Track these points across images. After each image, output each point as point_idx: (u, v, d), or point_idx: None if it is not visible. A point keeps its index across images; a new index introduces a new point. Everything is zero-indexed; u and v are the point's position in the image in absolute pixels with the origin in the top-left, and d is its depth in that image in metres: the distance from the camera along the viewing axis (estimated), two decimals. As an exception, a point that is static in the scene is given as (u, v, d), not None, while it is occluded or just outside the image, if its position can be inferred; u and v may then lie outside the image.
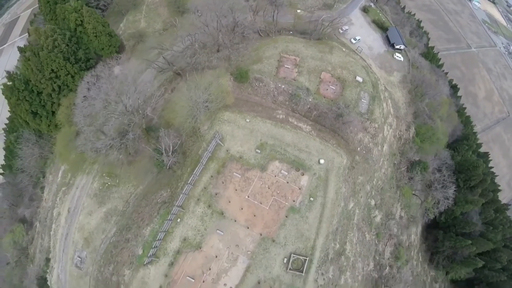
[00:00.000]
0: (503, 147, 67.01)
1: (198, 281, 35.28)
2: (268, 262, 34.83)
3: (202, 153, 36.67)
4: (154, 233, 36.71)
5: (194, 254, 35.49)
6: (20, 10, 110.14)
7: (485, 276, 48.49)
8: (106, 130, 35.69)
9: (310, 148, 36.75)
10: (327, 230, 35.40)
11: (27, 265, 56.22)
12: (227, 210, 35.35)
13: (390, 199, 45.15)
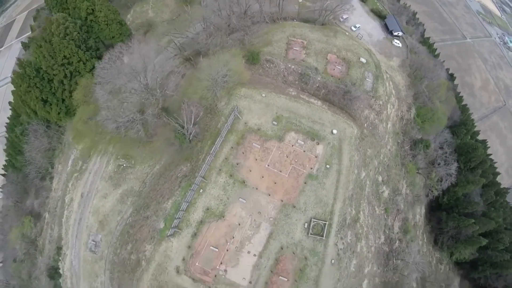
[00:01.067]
0: (500, 136, 68.39)
1: (222, 250, 35.29)
2: (290, 227, 35.49)
3: (221, 127, 37.42)
4: (176, 205, 36.66)
5: (217, 223, 35.70)
6: (16, 13, 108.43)
7: (489, 257, 49.25)
8: (126, 107, 35.75)
9: (323, 119, 38.26)
10: (344, 196, 36.59)
11: (36, 257, 54.16)
12: (249, 179, 35.99)
13: (396, 176, 46.71)
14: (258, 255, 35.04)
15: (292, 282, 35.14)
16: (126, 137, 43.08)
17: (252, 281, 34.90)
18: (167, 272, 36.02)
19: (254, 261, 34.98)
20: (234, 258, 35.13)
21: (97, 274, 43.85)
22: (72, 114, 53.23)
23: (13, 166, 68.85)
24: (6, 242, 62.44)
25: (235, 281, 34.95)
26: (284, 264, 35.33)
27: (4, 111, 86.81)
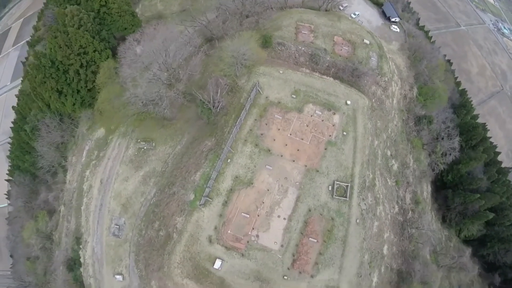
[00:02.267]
0: (499, 120, 69.65)
1: (253, 216, 35.87)
2: (315, 190, 36.75)
3: (244, 101, 38.87)
4: (205, 176, 37.20)
5: (247, 190, 36.42)
6: (11, 21, 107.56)
7: (496, 232, 50.55)
8: (154, 85, 36.38)
9: (337, 92, 40.47)
10: (362, 159, 38.46)
11: (53, 251, 52.15)
12: (273, 147, 37.29)
13: (403, 151, 48.71)
14: (287, 218, 36.03)
15: (322, 243, 36.08)
16: (147, 119, 43.56)
17: (284, 244, 35.61)
18: (199, 242, 36.09)
19: (284, 225, 35.85)
20: (265, 223, 35.85)
21: (121, 258, 42.97)
22: (86, 105, 53.13)
23: (19, 169, 67.07)
24: (17, 243, 59.97)
25: (267, 245, 35.54)
26: (313, 226, 36.32)
27: (6, 117, 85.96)
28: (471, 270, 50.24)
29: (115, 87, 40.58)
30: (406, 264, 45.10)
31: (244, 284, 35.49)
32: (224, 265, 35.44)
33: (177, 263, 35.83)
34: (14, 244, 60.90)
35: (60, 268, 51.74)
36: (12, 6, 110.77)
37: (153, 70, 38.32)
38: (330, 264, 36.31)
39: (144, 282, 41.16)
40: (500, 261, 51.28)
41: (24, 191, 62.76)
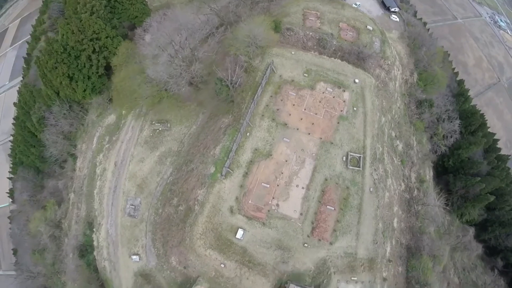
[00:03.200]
0: (496, 111, 70.42)
1: (273, 186, 36.84)
2: (331, 161, 38.21)
3: (259, 79, 40.43)
4: (226, 149, 38.07)
5: (266, 162, 37.46)
6: (8, 22, 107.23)
7: (497, 217, 51.97)
8: (175, 63, 37.26)
9: (345, 72, 42.57)
10: (372, 133, 40.38)
11: (62, 239, 50.92)
12: (289, 121, 38.71)
13: (406, 132, 50.67)
14: (306, 187, 37.21)
15: (338, 211, 37.35)
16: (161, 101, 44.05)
17: (303, 212, 36.69)
18: (221, 213, 36.64)
19: (303, 194, 37.00)
20: (284, 192, 36.88)
21: (138, 238, 42.78)
22: (97, 92, 53.19)
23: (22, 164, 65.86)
24: (22, 237, 58.07)
25: (287, 214, 36.52)
26: (330, 195, 37.58)
27: (4, 117, 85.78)
28: (475, 249, 51.46)
29: (135, 66, 41.10)
30: (415, 239, 46.53)
31: (266, 253, 36.24)
32: (246, 234, 36.18)
33: (200, 234, 36.28)
34: (20, 238, 59.14)
35: (70, 255, 50.70)
36: (9, 7, 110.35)
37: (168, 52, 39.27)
38: (347, 231, 37.68)
39: (162, 261, 41.16)
40: (502, 245, 52.63)
41: (28, 185, 61.68)
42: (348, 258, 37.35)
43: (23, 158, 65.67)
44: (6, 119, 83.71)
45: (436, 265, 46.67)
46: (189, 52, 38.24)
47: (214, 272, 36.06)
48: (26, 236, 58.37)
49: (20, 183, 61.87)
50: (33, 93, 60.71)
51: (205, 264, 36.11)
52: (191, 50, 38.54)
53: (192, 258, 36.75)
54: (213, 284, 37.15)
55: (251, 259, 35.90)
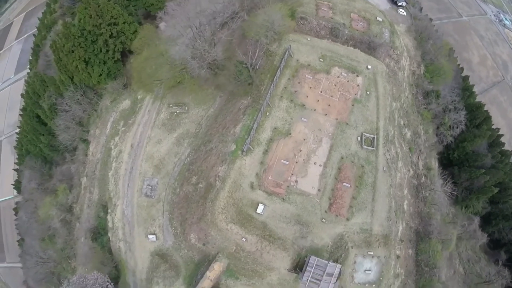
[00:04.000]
0: (500, 109, 71.17)
1: (292, 163, 38.49)
2: (346, 141, 40.11)
3: (277, 63, 42.56)
4: (246, 128, 39.65)
5: (285, 140, 39.15)
6: (13, 16, 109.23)
7: (500, 210, 53.75)
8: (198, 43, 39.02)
9: (358, 58, 44.97)
10: (384, 115, 42.55)
11: (73, 223, 51.39)
12: (307, 103, 40.62)
13: (414, 121, 52.69)
14: (323, 165, 38.92)
15: (354, 188, 39.13)
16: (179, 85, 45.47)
17: (321, 188, 38.34)
18: (242, 189, 38.01)
19: (320, 171, 38.68)
20: (303, 169, 38.52)
21: (154, 218, 43.66)
22: (112, 77, 54.42)
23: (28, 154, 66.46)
24: (30, 224, 58.33)
25: (305, 190, 38.13)
26: (346, 172, 39.39)
27: (10, 111, 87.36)
28: (480, 238, 53.03)
29: (155, 48, 42.64)
30: (423, 224, 48.16)
31: (285, 228, 37.65)
32: (266, 210, 37.54)
33: (221, 209, 37.48)
34: (28, 225, 59.12)
35: (81, 240, 51.15)
36: (14, 1, 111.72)
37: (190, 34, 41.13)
38: (363, 208, 39.43)
39: (179, 240, 42.11)
40: (505, 238, 54.27)
41: (36, 174, 62.13)
42: (364, 234, 39.03)
43: (30, 148, 66.21)
44: (11, 112, 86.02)
45: (444, 249, 48.78)
46: (210, 35, 40.16)
47: (234, 247, 37.24)
48: (34, 224, 58.59)
49: (28, 172, 62.38)
50: (45, 81, 61.73)
51: (226, 239, 37.30)
52: (212, 33, 40.47)
53: (213, 234, 37.89)
54: (233, 259, 38.31)
55: (271, 234, 37.22)
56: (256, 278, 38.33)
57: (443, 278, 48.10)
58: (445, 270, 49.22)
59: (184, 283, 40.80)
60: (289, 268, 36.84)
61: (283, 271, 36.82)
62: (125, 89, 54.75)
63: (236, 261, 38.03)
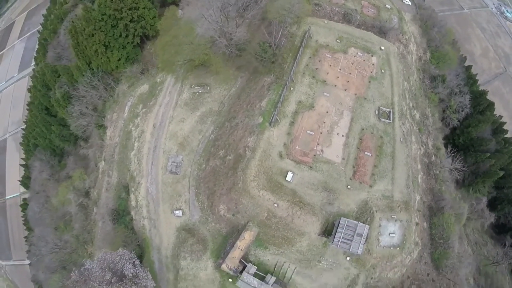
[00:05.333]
0: (503, 100, 74.91)
1: (317, 134, 41.92)
2: (365, 114, 43.96)
3: (298, 43, 46.59)
4: (272, 102, 42.87)
5: (309, 112, 42.62)
6: (15, 15, 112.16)
7: (505, 195, 57.70)
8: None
9: (372, 40, 49.57)
10: (398, 92, 46.91)
11: (91, 207, 52.69)
12: (327, 79, 44.45)
13: (422, 104, 56.76)
14: (345, 135, 42.41)
15: (375, 157, 42.77)
16: (208, 60, 48.28)
17: (344, 157, 41.74)
18: (271, 158, 40.91)
19: (343, 141, 42.16)
20: (327, 140, 41.88)
21: (180, 194, 45.73)
22: (131, 62, 57.07)
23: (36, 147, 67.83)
24: (42, 215, 59.08)
25: (330, 159, 41.41)
26: (367, 142, 43.07)
27: (14, 108, 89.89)
28: (489, 218, 56.65)
29: (179, 29, 45.85)
30: (435, 200, 51.88)
31: (313, 195, 40.57)
32: (295, 177, 40.39)
33: (253, 177, 40.02)
34: (39, 216, 59.62)
35: (99, 224, 52.38)
36: (15, 0, 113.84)
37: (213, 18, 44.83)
38: (384, 176, 42.98)
39: (206, 214, 44.33)
40: (511, 223, 58.14)
41: (47, 166, 63.32)
42: (386, 200, 42.31)
43: (39, 141, 67.33)
44: (15, 110, 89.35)
45: (456, 223, 52.85)
46: (235, 16, 43.94)
47: (266, 213, 39.70)
48: (46, 214, 59.31)
49: (39, 163, 63.39)
50: (56, 71, 63.74)
51: (258, 206, 39.74)
52: (237, 14, 44.26)
53: (245, 201, 40.28)
54: (263, 227, 40.77)
55: (301, 200, 39.92)
56: (285, 246, 40.98)
57: (456, 251, 52.17)
58: (457, 246, 53.26)
59: (212, 256, 42.82)
60: (318, 232, 39.88)
61: (313, 236, 39.58)
62: (143, 74, 57.80)
63: (266, 229, 40.56)
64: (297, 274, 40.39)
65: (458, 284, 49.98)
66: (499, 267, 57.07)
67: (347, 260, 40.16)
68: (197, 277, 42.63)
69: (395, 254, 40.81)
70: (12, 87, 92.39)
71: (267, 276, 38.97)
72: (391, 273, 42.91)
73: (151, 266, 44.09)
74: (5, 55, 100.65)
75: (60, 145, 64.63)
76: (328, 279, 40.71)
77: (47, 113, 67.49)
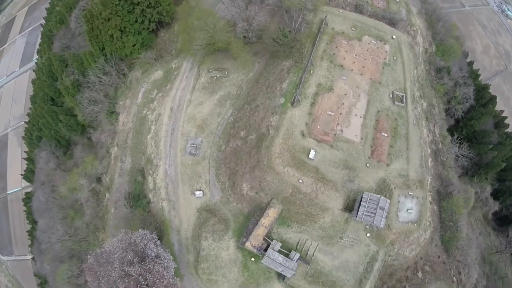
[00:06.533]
0: (503, 97, 77.96)
1: (336, 114, 45.14)
2: (380, 97, 47.52)
3: (315, 30, 50.19)
4: (293, 84, 45.94)
5: (329, 94, 45.80)
6: (15, 10, 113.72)
7: (507, 187, 61.54)
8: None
9: (384, 29, 53.72)
10: (410, 78, 50.92)
11: (103, 193, 53.88)
12: (344, 64, 47.93)
13: (429, 94, 61.18)
14: (363, 117, 45.62)
15: (391, 138, 46.23)
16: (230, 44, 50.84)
17: (363, 137, 44.93)
18: (294, 136, 43.65)
19: (361, 122, 45.41)
20: (346, 120, 45.05)
21: (200, 175, 47.66)
22: (145, 48, 59.32)
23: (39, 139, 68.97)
24: (48, 205, 59.41)
25: (350, 138, 44.45)
26: (383, 124, 46.60)
27: (15, 103, 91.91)
28: (493, 206, 60.68)
29: (203, 11, 48.72)
30: (444, 185, 56.05)
31: (335, 172, 43.30)
32: (317, 155, 43.04)
33: (277, 154, 42.35)
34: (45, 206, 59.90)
35: (112, 210, 53.56)
36: None
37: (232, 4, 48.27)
38: (399, 155, 46.40)
39: (227, 194, 46.36)
40: None
41: (53, 156, 64.28)
42: (402, 178, 45.41)
43: (44, 132, 68.19)
44: (17, 105, 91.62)
45: (465, 207, 57.01)
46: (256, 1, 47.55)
47: (291, 190, 41.99)
48: (53, 203, 59.76)
49: (46, 153, 64.16)
50: (63, 61, 65.37)
51: (283, 182, 42.00)
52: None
53: (270, 178, 42.43)
54: (287, 204, 43.14)
55: (323, 177, 42.66)
56: (308, 223, 43.53)
57: (465, 234, 56.22)
58: (466, 229, 57.33)
59: (234, 236, 44.75)
60: (341, 208, 42.76)
61: (336, 211, 42.15)
62: (157, 61, 60.19)
63: (290, 206, 42.94)
64: (319, 252, 42.85)
65: (468, 266, 53.94)
66: (502, 257, 61.45)
67: (367, 236, 43.13)
68: (218, 258, 44.40)
69: (412, 230, 44.10)
70: (13, 82, 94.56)
71: (291, 253, 41.25)
72: (408, 250, 46.15)
73: (170, 248, 45.25)
74: (6, 51, 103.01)
75: (66, 135, 65.65)
76: (349, 256, 43.42)
77: (52, 103, 68.90)
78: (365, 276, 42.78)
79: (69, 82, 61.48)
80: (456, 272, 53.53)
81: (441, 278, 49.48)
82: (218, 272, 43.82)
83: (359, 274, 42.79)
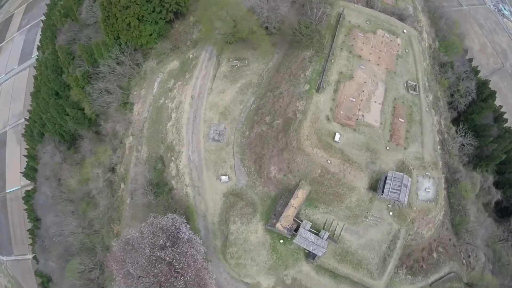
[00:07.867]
0: (501, 95, 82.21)
1: (357, 100, 50.28)
2: (396, 86, 53.12)
3: (333, 23, 55.51)
4: (316, 71, 50.72)
5: (350, 82, 50.85)
6: (13, 8, 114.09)
7: (507, 179, 67.41)
8: None
9: (396, 24, 59.90)
10: (421, 69, 57.28)
11: (117, 184, 55.79)
12: (362, 54, 53.22)
13: (434, 87, 68.32)
14: (381, 103, 50.72)
15: (407, 123, 51.69)
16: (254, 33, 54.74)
17: (382, 122, 50.00)
18: (319, 120, 48.00)
19: (380, 108, 50.62)
20: (366, 106, 50.08)
21: (225, 160, 50.88)
22: (162, 38, 62.51)
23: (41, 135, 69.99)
24: (54, 200, 60.31)
25: (370, 123, 49.34)
26: (399, 110, 52.28)
27: (14, 101, 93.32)
28: (495, 195, 65.89)
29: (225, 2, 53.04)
30: (451, 173, 62.62)
31: (358, 154, 47.77)
32: (342, 138, 47.44)
33: (306, 136, 46.10)
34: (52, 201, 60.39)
35: (127, 201, 55.40)
36: None
37: None
38: (415, 140, 51.93)
39: (253, 178, 49.66)
40: None
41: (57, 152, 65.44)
42: (419, 160, 50.43)
43: (48, 127, 69.03)
44: (15, 103, 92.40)
45: (472, 192, 63.79)
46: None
47: (320, 170, 45.73)
48: (60, 198, 60.54)
49: (51, 147, 64.92)
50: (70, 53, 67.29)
51: (312, 163, 45.69)
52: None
53: (299, 160, 46.04)
54: (315, 185, 47.08)
55: (349, 158, 47.51)
56: (335, 203, 47.67)
57: (473, 218, 62.83)
58: (474, 212, 63.77)
59: (262, 219, 48.04)
60: (367, 187, 47.61)
61: (362, 191, 46.30)
62: (172, 51, 63.60)
63: (318, 187, 46.72)
64: (345, 231, 47.01)
65: (477, 248, 60.42)
66: (504, 246, 68.55)
67: (390, 215, 48.00)
68: (247, 241, 47.40)
69: (430, 208, 49.39)
70: (12, 79, 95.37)
71: (321, 232, 45.07)
72: (425, 229, 51.50)
73: (197, 234, 48.51)
74: (4, 48, 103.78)
75: (72, 129, 67.00)
76: (373, 234, 47.96)
77: (57, 97, 70.18)
78: (388, 254, 47.39)
79: (79, 73, 63.13)
80: (466, 255, 59.52)
81: (454, 259, 55.37)
82: (247, 255, 46.75)
83: (382, 253, 47.28)
